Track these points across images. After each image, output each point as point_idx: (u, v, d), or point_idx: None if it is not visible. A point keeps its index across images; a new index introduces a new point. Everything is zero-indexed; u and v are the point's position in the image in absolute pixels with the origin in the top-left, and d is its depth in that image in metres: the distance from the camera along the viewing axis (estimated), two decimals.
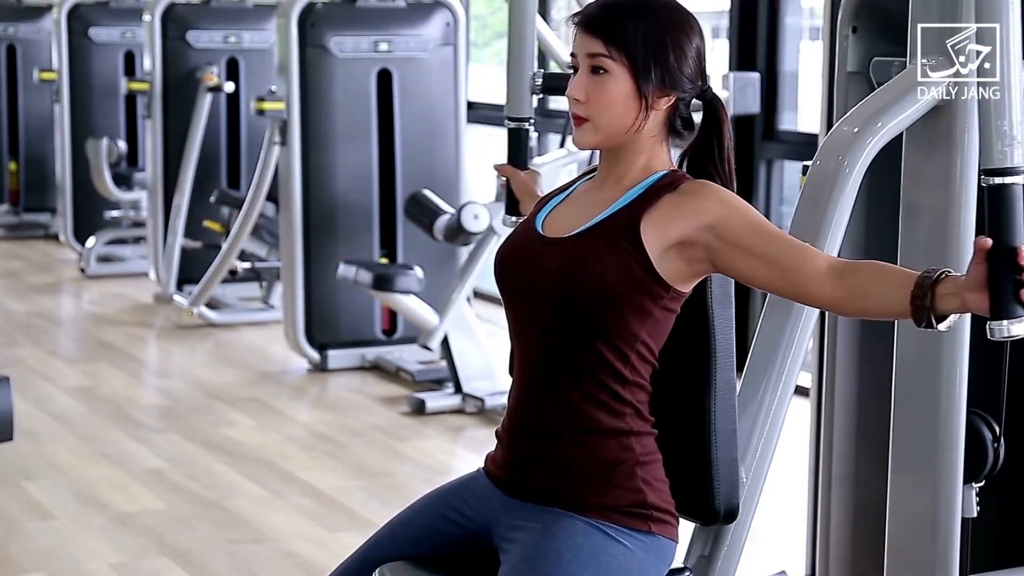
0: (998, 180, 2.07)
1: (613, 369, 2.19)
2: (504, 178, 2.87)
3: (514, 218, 2.89)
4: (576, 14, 2.24)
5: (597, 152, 2.31)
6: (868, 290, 2.07)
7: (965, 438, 2.52)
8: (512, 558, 2.19)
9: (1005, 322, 1.99)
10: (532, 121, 3.06)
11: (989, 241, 1.98)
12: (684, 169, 2.28)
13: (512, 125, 3.04)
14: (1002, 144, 2.08)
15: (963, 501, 2.53)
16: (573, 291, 2.17)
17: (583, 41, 2.21)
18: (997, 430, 2.57)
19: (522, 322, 2.26)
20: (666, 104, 2.21)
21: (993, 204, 2.07)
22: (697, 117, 2.27)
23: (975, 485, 2.56)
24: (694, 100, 2.24)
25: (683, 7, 2.23)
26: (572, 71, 2.24)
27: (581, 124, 2.22)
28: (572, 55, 2.25)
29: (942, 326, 2.01)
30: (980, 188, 2.12)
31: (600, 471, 2.20)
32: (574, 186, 2.35)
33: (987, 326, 2.01)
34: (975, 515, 2.56)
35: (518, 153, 3.01)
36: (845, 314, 2.19)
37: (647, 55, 2.17)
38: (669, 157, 2.27)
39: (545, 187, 2.75)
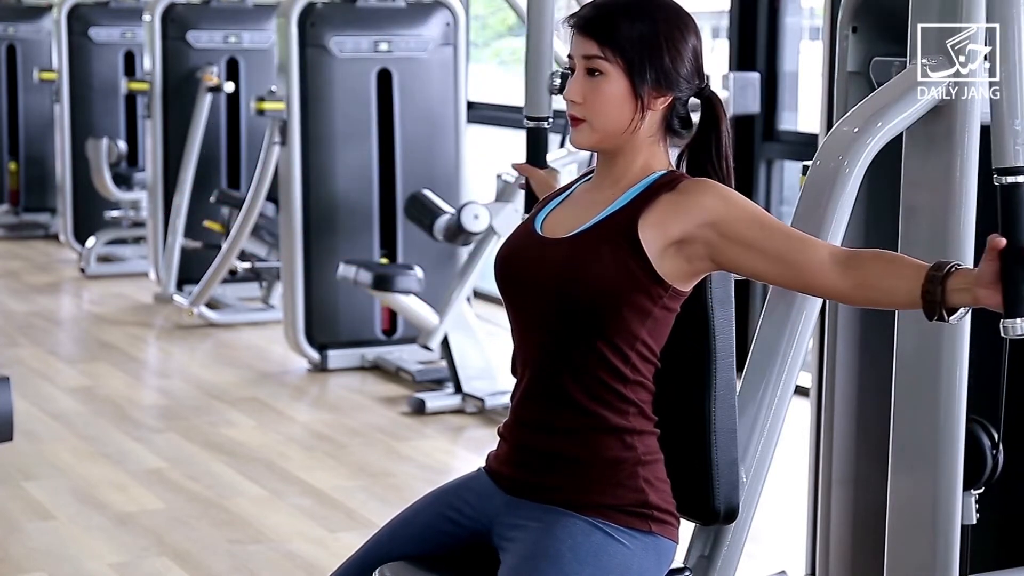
0: (1011, 179, 2.08)
1: (614, 368, 2.19)
2: (523, 177, 2.85)
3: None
4: (571, 16, 2.24)
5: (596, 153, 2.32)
6: (876, 282, 2.08)
7: (965, 445, 2.52)
8: (512, 557, 2.20)
9: (1019, 320, 2.01)
10: (550, 120, 3.04)
11: (1003, 240, 1.99)
12: (682, 168, 2.29)
13: (531, 124, 3.02)
14: (1015, 143, 2.09)
15: (963, 508, 2.53)
16: (572, 291, 2.17)
17: (578, 43, 2.21)
18: (996, 437, 2.56)
19: (523, 322, 2.27)
20: (662, 104, 2.21)
21: (1006, 203, 2.09)
22: (696, 116, 2.27)
23: (974, 492, 2.56)
24: (692, 99, 2.25)
25: (678, 6, 2.23)
26: (569, 72, 2.25)
27: (578, 125, 2.23)
28: (569, 57, 2.25)
29: (953, 319, 2.02)
30: (993, 186, 2.12)
31: (602, 469, 2.20)
32: (573, 187, 2.35)
33: (1000, 324, 2.02)
34: (974, 522, 2.56)
35: (536, 152, 2.99)
36: (851, 304, 2.21)
37: (642, 56, 2.17)
38: (668, 157, 2.27)
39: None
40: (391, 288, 5.72)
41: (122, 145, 8.65)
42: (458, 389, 5.68)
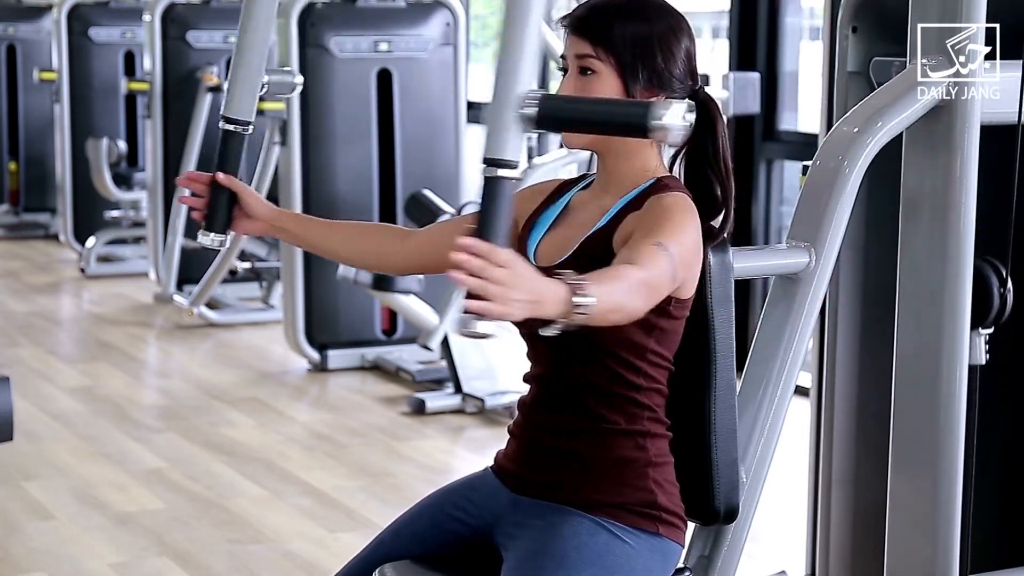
0: (493, 171, 1.87)
1: (625, 380, 2.18)
2: (222, 190, 2.45)
3: (219, 237, 2.44)
4: (565, 16, 2.24)
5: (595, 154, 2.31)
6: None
7: (973, 284, 2.49)
8: (516, 555, 2.19)
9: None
10: (251, 127, 2.60)
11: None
12: (680, 170, 2.28)
13: (229, 127, 2.58)
14: (507, 134, 1.89)
15: (971, 348, 2.51)
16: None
17: (571, 43, 2.21)
18: (1004, 274, 2.54)
19: (532, 345, 2.26)
20: None
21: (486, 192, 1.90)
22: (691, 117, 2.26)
23: (983, 331, 2.54)
24: (686, 100, 2.24)
25: (672, 7, 2.23)
26: (562, 73, 2.25)
27: None
28: (562, 57, 2.26)
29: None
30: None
31: (612, 468, 2.20)
32: (567, 197, 2.32)
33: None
34: (983, 362, 2.54)
35: (232, 160, 2.54)
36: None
37: (634, 56, 2.17)
38: (660, 159, 2.26)
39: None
40: (391, 288, 5.72)
41: (122, 145, 8.66)
42: (458, 389, 5.68)
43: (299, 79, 2.71)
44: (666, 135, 1.91)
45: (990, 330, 2.55)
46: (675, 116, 1.91)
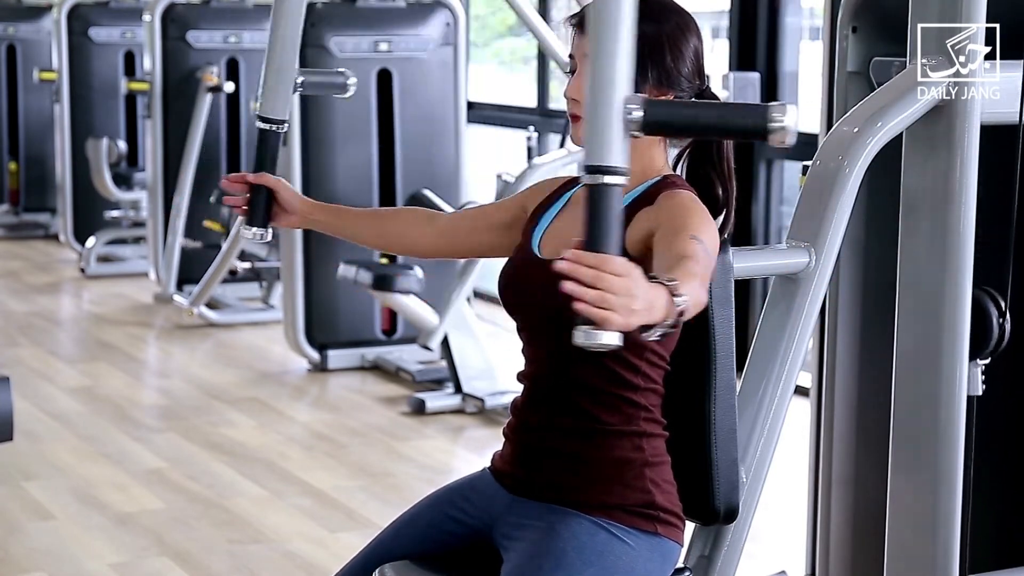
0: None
1: (624, 380, 2.18)
2: (260, 187, 2.55)
3: (260, 231, 2.57)
4: (573, 15, 2.24)
5: None
6: None
7: (971, 314, 2.49)
8: (516, 556, 2.19)
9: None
10: (286, 124, 2.69)
11: None
12: (683, 168, 2.28)
13: (263, 126, 2.66)
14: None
15: (969, 379, 2.51)
16: (571, 314, 2.13)
17: (580, 41, 2.22)
18: (1003, 306, 2.55)
19: (528, 340, 2.26)
20: None
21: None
22: None
23: (980, 362, 2.54)
24: (693, 99, 2.24)
25: (680, 7, 2.23)
26: (569, 73, 2.25)
27: (579, 122, 2.22)
28: (570, 56, 2.26)
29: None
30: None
31: (609, 469, 2.19)
32: (571, 191, 2.33)
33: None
34: (980, 393, 2.54)
35: (268, 158, 2.65)
36: None
37: (643, 55, 2.17)
38: (666, 157, 2.26)
39: None
40: (391, 288, 5.72)
41: (122, 145, 8.66)
42: (458, 389, 5.68)
43: (352, 80, 2.80)
44: (785, 137, 1.87)
45: (987, 361, 2.56)
46: (792, 118, 1.87)
